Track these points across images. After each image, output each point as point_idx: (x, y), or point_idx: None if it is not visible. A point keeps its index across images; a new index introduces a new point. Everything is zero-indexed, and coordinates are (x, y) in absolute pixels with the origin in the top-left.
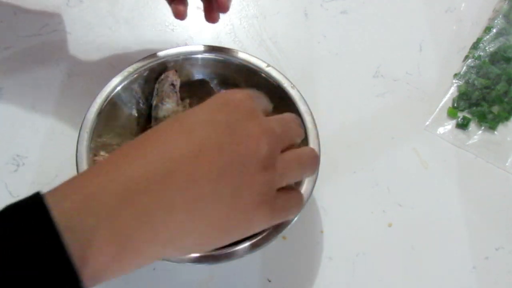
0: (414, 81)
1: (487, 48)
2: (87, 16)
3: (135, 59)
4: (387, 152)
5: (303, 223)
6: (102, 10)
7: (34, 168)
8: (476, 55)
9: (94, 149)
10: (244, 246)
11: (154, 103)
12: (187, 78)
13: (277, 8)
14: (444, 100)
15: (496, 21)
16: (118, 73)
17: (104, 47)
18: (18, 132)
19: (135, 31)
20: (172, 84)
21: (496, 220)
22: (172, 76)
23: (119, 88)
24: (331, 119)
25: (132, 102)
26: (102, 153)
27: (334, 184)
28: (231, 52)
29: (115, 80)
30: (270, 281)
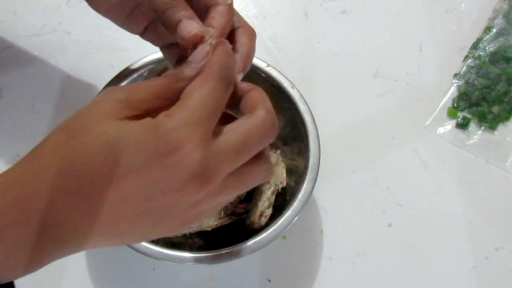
0: (414, 81)
1: (487, 48)
2: (87, 16)
3: (135, 59)
4: (387, 152)
5: (303, 223)
6: None
7: None
8: (476, 55)
9: None
10: (244, 246)
11: None
12: None
13: (277, 8)
14: (444, 100)
15: (496, 21)
16: (118, 73)
17: (104, 47)
18: (18, 132)
19: None
20: None
21: (496, 220)
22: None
23: None
24: (331, 119)
25: None
26: None
27: (334, 184)
28: None
29: (115, 80)
30: (270, 281)
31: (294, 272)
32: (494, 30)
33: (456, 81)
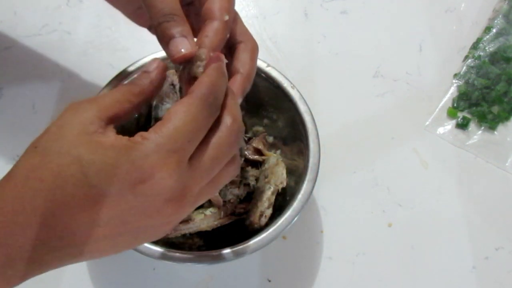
0: (414, 81)
1: (487, 48)
2: (87, 16)
3: (135, 59)
4: (387, 152)
5: (303, 223)
6: (102, 10)
7: None
8: (476, 55)
9: None
10: (244, 246)
11: (154, 103)
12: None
13: (277, 8)
14: (444, 100)
15: (496, 21)
16: (118, 73)
17: (104, 47)
18: (18, 132)
19: (135, 31)
20: (172, 84)
21: (496, 220)
22: (172, 76)
23: None
24: (331, 119)
25: None
26: None
27: (334, 184)
28: None
29: (115, 80)
30: (270, 281)
31: (294, 272)
32: (494, 30)
33: (456, 81)
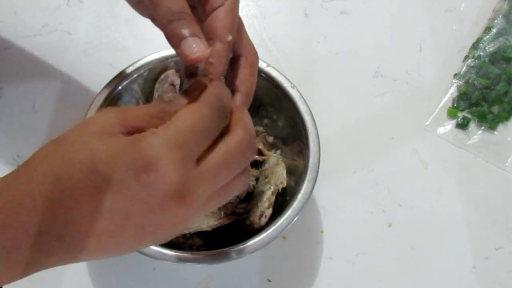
0: (414, 81)
1: (487, 48)
2: (87, 16)
3: (135, 59)
4: (387, 152)
5: (303, 223)
6: (102, 10)
7: None
8: (476, 55)
9: None
10: (244, 246)
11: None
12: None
13: (277, 8)
14: (444, 100)
15: (496, 21)
16: (118, 73)
17: (104, 47)
18: (18, 132)
19: (135, 31)
20: (172, 84)
21: (496, 220)
22: (172, 76)
23: (119, 88)
24: (331, 119)
25: (132, 102)
26: None
27: (334, 184)
28: None
29: (115, 80)
30: (270, 281)
31: (294, 272)
32: (494, 30)
33: (456, 81)
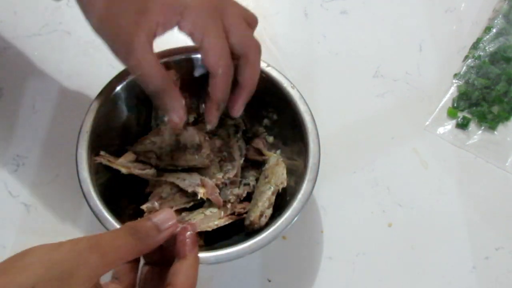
0: (414, 81)
1: (487, 48)
2: None
3: None
4: (387, 152)
5: (303, 223)
6: None
7: (34, 168)
8: (476, 55)
9: (94, 149)
10: (244, 246)
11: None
12: (187, 78)
13: (277, 8)
14: (444, 100)
15: (496, 21)
16: (118, 73)
17: (104, 47)
18: (18, 132)
19: None
20: None
21: (496, 220)
22: (172, 76)
23: (119, 88)
24: (331, 119)
25: (132, 102)
26: (102, 153)
27: (334, 184)
28: None
29: (115, 80)
30: (270, 281)
31: (294, 272)
32: (494, 30)
33: (456, 81)
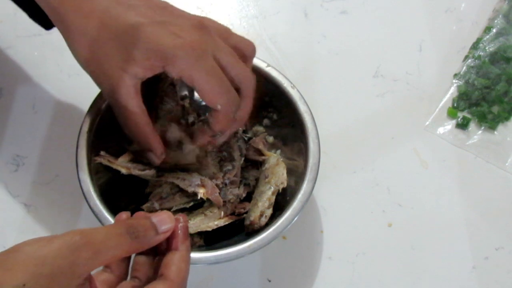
0: (414, 81)
1: (487, 48)
2: None
3: None
4: (387, 152)
5: (303, 223)
6: None
7: (34, 168)
8: (476, 55)
9: (94, 149)
10: (244, 246)
11: (154, 103)
12: None
13: (277, 8)
14: (444, 100)
15: (496, 21)
16: None
17: None
18: (18, 132)
19: None
20: (172, 84)
21: (496, 220)
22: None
23: None
24: (331, 119)
25: None
26: (102, 153)
27: (334, 184)
28: None
29: None
30: (270, 281)
31: (294, 272)
32: (494, 30)
33: (456, 81)
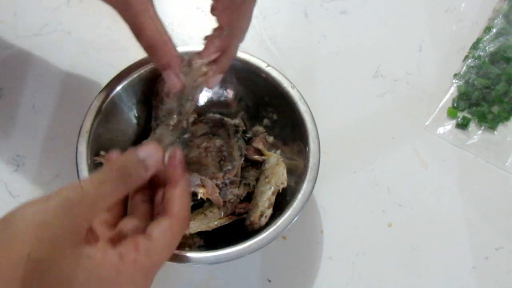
0: (414, 81)
1: (487, 48)
2: (87, 16)
3: (135, 59)
4: (387, 152)
5: (303, 223)
6: (102, 10)
7: (34, 168)
8: (476, 55)
9: (94, 149)
10: (244, 246)
11: (154, 103)
12: None
13: (277, 8)
14: (444, 100)
15: (496, 21)
16: (118, 73)
17: (104, 47)
18: (18, 132)
19: None
20: None
21: (496, 220)
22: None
23: (119, 88)
24: (331, 119)
25: (132, 102)
26: (102, 153)
27: (334, 184)
28: None
29: (115, 80)
30: (270, 281)
31: (294, 272)
32: (494, 30)
33: (456, 81)
